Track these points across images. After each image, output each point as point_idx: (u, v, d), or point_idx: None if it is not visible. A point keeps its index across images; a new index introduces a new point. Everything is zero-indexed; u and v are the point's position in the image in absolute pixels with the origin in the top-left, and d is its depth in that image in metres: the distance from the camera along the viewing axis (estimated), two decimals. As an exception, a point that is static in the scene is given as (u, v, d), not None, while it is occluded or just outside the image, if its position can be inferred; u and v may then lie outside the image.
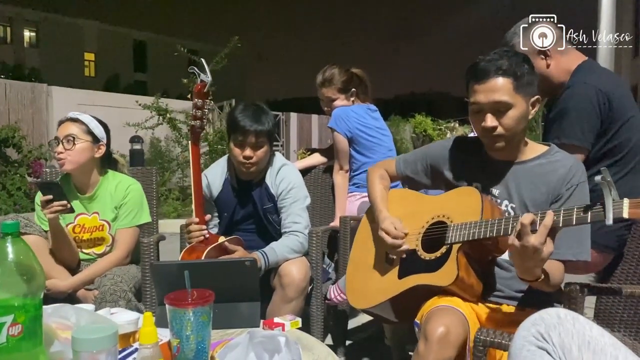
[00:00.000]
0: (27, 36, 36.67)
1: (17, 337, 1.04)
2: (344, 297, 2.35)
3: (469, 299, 1.63)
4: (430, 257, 1.67)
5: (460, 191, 1.74)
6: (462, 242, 1.60)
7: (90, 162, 2.32)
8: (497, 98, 1.58)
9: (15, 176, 7.06)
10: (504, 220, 1.52)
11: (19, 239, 1.07)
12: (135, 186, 2.40)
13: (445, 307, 1.54)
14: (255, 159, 2.22)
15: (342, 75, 2.87)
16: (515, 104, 1.58)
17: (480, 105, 1.61)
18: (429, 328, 1.45)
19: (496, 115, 1.60)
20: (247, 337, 1.24)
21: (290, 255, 2.18)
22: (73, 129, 2.28)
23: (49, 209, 2.12)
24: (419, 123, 17.68)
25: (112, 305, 2.01)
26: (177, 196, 8.17)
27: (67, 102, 9.85)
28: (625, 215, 1.26)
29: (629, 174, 2.00)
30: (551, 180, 1.64)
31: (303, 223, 2.28)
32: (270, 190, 2.31)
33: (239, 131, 2.20)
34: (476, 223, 1.58)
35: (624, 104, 2.03)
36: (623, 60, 17.44)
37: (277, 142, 15.17)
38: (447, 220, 1.69)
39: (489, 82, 1.59)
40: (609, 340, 1.08)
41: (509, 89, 1.58)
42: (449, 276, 1.57)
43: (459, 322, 1.49)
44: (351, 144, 2.83)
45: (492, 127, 1.60)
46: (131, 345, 1.39)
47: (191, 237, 2.07)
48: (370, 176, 2.03)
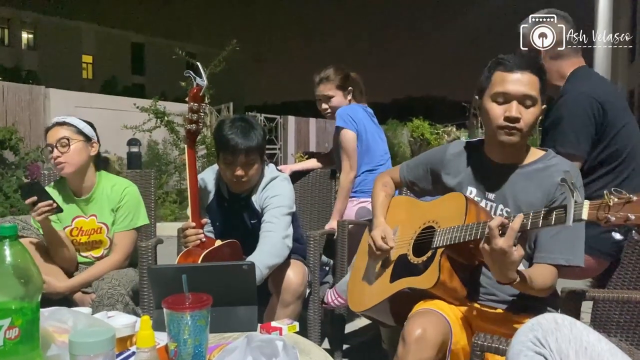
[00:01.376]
0: (25, 38, 36.65)
1: (14, 340, 1.03)
2: (341, 301, 2.36)
3: (453, 302, 1.65)
4: (417, 261, 1.70)
5: (447, 196, 1.77)
6: (444, 246, 1.62)
7: (87, 162, 2.32)
8: (527, 91, 1.59)
9: (12, 178, 7.04)
10: (481, 224, 1.53)
11: (16, 242, 1.07)
12: (131, 189, 2.40)
13: (426, 310, 1.58)
14: (247, 177, 2.16)
15: (338, 73, 2.92)
16: (538, 103, 1.61)
17: (508, 94, 1.60)
18: (406, 330, 1.49)
19: (520, 107, 1.60)
20: (244, 341, 1.24)
21: (270, 261, 2.03)
22: (64, 132, 2.27)
23: (36, 212, 2.10)
24: (417, 127, 17.71)
25: (109, 308, 2.00)
26: (175, 199, 8.15)
27: (65, 105, 9.83)
28: (585, 216, 1.27)
29: (625, 181, 2.01)
30: (546, 184, 1.64)
31: (278, 224, 2.14)
32: (255, 206, 2.24)
33: (229, 151, 2.12)
34: (459, 227, 1.60)
35: (618, 112, 2.05)
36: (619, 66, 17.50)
37: (275, 145, 15.18)
38: (436, 225, 1.72)
39: (522, 73, 1.59)
40: (605, 346, 1.09)
41: (537, 86, 1.61)
42: (431, 279, 1.60)
43: (437, 323, 1.51)
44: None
45: (516, 118, 1.59)
46: (128, 349, 1.39)
47: (187, 241, 2.06)
48: (375, 184, 2.07)
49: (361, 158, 2.85)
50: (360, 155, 2.85)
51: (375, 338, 2.62)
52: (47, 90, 10.04)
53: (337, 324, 2.60)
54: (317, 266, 2.39)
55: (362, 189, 2.83)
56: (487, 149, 1.76)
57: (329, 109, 2.94)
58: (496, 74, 1.63)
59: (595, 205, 1.28)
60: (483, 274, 1.71)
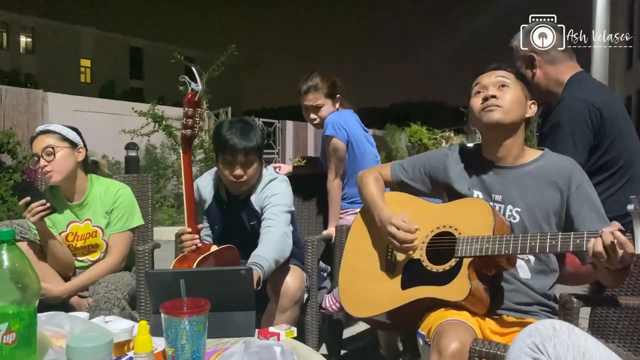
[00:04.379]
0: (23, 42, 36.61)
1: (11, 345, 1.03)
2: (339, 306, 2.34)
3: (477, 313, 1.61)
4: (437, 269, 1.64)
5: (469, 202, 1.72)
6: (474, 256, 1.57)
7: (75, 168, 2.31)
8: (501, 78, 1.72)
9: (9, 182, 7.01)
10: (520, 238, 1.52)
11: (14, 246, 1.07)
12: (124, 190, 2.39)
13: (457, 322, 1.52)
14: (246, 177, 2.17)
15: (326, 81, 2.80)
16: (515, 87, 1.72)
17: (484, 84, 1.73)
18: (442, 343, 1.43)
19: (496, 90, 1.70)
20: (242, 346, 1.24)
21: (275, 254, 2.02)
22: (49, 140, 2.25)
23: (30, 212, 2.09)
24: (415, 132, 17.73)
25: (106, 313, 2.00)
26: (172, 203, 8.14)
27: (63, 109, 9.83)
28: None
29: (624, 187, 2.02)
30: (554, 178, 1.68)
31: (279, 221, 2.15)
32: (254, 207, 2.24)
33: (228, 151, 2.14)
34: (489, 238, 1.56)
35: (616, 118, 2.06)
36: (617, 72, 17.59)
37: (273, 149, 15.18)
38: (455, 231, 1.66)
39: (495, 71, 1.75)
40: (604, 352, 1.09)
41: (512, 76, 1.74)
42: (462, 292, 1.55)
43: (471, 338, 1.48)
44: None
45: (492, 95, 1.69)
46: (126, 354, 1.38)
47: (183, 246, 2.06)
48: (364, 178, 1.98)
49: (352, 166, 2.77)
50: (352, 163, 2.77)
51: (373, 343, 2.62)
52: (45, 94, 10.04)
53: (335, 329, 2.59)
54: (315, 271, 2.38)
55: (358, 200, 2.79)
56: (485, 150, 1.79)
57: (318, 118, 2.83)
58: (474, 81, 1.78)
59: None
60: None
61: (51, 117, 9.66)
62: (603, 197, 1.85)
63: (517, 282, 1.69)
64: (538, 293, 1.69)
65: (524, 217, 1.68)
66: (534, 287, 1.69)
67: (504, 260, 1.60)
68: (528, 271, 1.70)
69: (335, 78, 2.87)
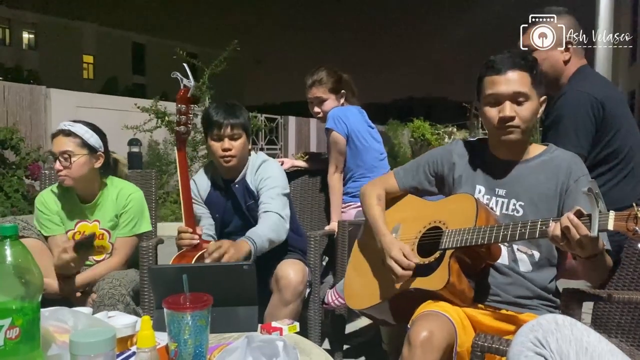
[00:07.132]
0: (26, 38, 36.66)
1: (15, 340, 1.03)
2: (342, 301, 2.36)
3: (460, 304, 1.63)
4: (423, 262, 1.69)
5: (456, 197, 1.77)
6: (454, 247, 1.62)
7: (90, 172, 2.29)
8: (517, 89, 1.64)
9: (13, 178, 7.03)
10: (495, 228, 1.55)
11: (17, 241, 1.07)
12: (136, 195, 2.39)
13: (432, 312, 1.55)
14: (234, 151, 2.23)
15: (331, 76, 2.85)
16: (532, 97, 1.65)
17: (499, 95, 1.65)
18: (412, 332, 1.48)
19: (514, 106, 1.65)
20: (245, 341, 1.24)
21: (270, 235, 2.09)
22: (68, 145, 2.22)
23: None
24: (417, 127, 17.73)
25: (110, 308, 2.00)
26: (175, 199, 8.13)
27: (66, 105, 9.84)
28: (610, 227, 1.30)
29: (625, 179, 2.03)
30: (556, 172, 1.69)
31: (275, 204, 2.21)
32: (250, 187, 2.30)
33: (215, 125, 2.22)
34: (469, 229, 1.60)
35: (618, 111, 2.06)
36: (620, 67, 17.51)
37: (276, 145, 15.18)
38: (443, 226, 1.71)
39: (509, 73, 1.64)
40: (606, 346, 1.09)
41: (528, 82, 1.65)
42: (440, 281, 1.60)
43: (443, 326, 1.50)
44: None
45: (510, 117, 1.64)
46: (129, 349, 1.39)
47: (181, 243, 2.07)
48: (367, 197, 1.96)
49: (355, 160, 2.80)
50: (353, 157, 2.80)
51: (376, 338, 2.62)
52: (48, 90, 10.05)
53: (338, 324, 2.60)
54: (317, 266, 2.39)
55: (357, 193, 2.79)
56: (492, 147, 1.79)
57: (321, 112, 2.88)
58: (486, 79, 1.69)
59: (622, 216, 1.30)
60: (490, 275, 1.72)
61: (54, 113, 9.68)
62: (604, 189, 1.85)
63: (516, 275, 1.70)
64: (538, 287, 1.70)
65: (527, 210, 1.69)
66: (534, 281, 1.70)
67: (484, 250, 1.64)
68: (529, 265, 1.70)
69: (343, 74, 2.90)
